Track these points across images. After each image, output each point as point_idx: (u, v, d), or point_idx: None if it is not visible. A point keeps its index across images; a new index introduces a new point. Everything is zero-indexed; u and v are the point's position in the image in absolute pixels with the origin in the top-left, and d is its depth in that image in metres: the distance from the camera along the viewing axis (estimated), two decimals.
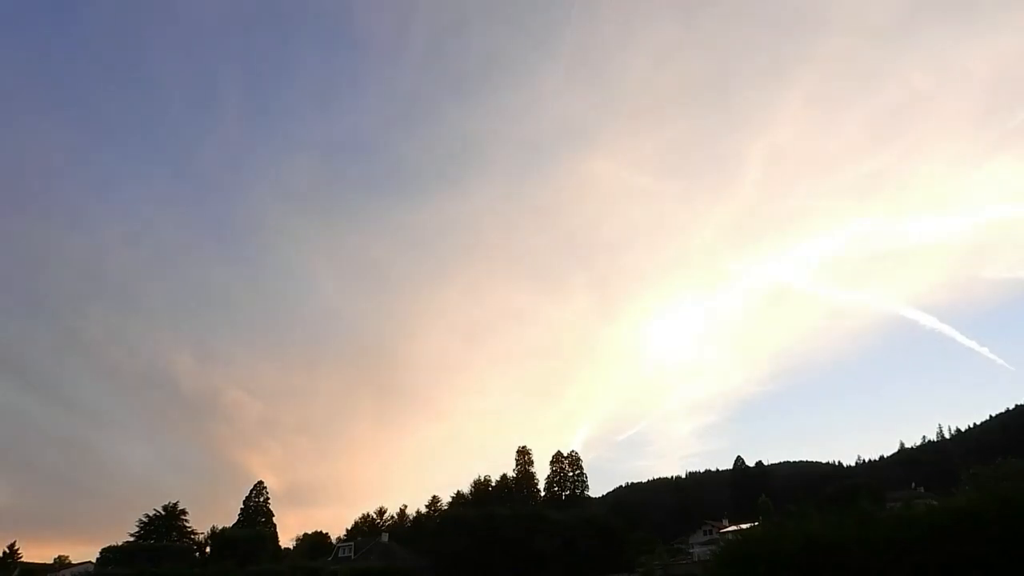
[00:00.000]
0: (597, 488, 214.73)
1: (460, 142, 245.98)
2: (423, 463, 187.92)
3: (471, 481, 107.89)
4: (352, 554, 67.16)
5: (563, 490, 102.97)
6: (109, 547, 75.60)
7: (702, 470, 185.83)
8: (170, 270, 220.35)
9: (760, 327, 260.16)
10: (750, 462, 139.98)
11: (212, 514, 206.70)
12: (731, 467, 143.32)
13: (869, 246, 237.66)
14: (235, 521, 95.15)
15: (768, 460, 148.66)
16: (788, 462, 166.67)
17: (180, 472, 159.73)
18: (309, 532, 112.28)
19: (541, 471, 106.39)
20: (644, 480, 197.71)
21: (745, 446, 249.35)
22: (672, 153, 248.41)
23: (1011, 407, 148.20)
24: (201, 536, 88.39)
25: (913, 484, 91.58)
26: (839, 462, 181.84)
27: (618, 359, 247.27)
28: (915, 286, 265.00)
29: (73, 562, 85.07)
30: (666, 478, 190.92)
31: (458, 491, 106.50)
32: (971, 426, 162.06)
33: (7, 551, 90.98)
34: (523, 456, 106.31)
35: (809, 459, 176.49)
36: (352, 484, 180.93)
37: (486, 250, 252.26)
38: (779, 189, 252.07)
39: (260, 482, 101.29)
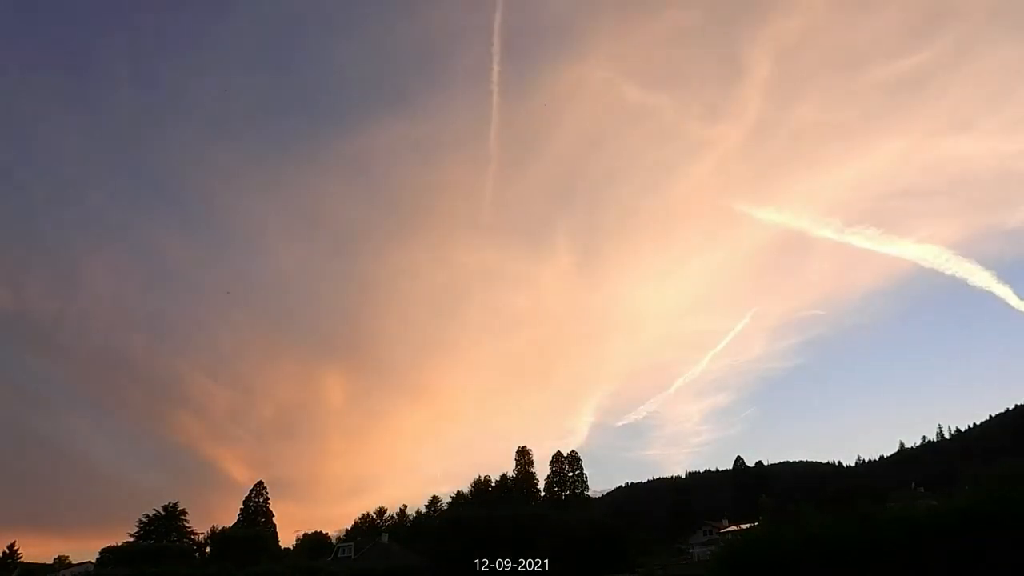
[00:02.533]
0: (597, 482, 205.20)
1: (408, 43, 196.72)
2: (411, 454, 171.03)
3: (463, 476, 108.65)
4: (352, 554, 67.15)
5: (563, 490, 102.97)
6: (109, 547, 75.76)
7: (702, 470, 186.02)
8: (105, 235, 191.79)
9: (777, 286, 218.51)
10: (752, 461, 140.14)
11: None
12: (731, 467, 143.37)
13: (906, 176, 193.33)
14: (235, 521, 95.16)
15: (768, 460, 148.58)
16: (788, 462, 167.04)
17: (150, 467, 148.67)
18: (308, 532, 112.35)
19: (541, 471, 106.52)
20: (644, 480, 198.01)
21: (762, 434, 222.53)
22: (663, 54, 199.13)
23: (1011, 407, 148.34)
24: (201, 536, 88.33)
25: (913, 484, 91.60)
26: (839, 462, 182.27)
27: (611, 329, 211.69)
28: (961, 231, 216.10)
29: (74, 562, 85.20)
30: (666, 478, 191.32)
31: (458, 491, 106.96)
32: (971, 426, 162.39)
33: (7, 551, 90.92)
34: (523, 456, 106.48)
35: (809, 459, 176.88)
36: (335, 478, 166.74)
37: (449, 191, 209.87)
38: (791, 98, 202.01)
39: (260, 482, 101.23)
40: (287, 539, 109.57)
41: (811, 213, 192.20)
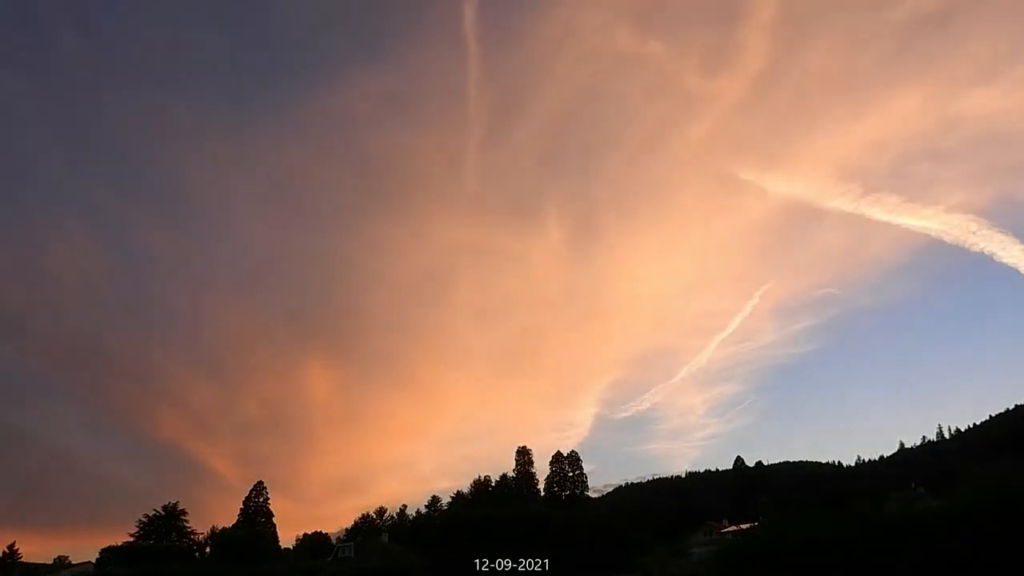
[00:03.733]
0: (599, 478, 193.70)
1: None
2: (404, 449, 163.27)
3: (460, 472, 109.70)
4: (352, 554, 67.16)
5: (563, 490, 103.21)
6: (109, 547, 75.80)
7: (702, 470, 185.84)
8: (67, 213, 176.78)
9: (787, 262, 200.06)
10: (755, 459, 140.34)
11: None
12: (731, 467, 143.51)
13: (926, 134, 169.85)
14: (234, 521, 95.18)
15: (772, 458, 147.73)
16: (788, 462, 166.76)
17: (131, 462, 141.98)
18: (308, 532, 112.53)
19: (541, 467, 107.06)
20: (644, 480, 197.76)
21: (769, 428, 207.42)
22: None
23: (1011, 407, 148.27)
24: (201, 536, 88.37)
25: (913, 484, 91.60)
26: (839, 462, 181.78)
27: (609, 312, 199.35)
28: (987, 199, 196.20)
29: (74, 562, 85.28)
30: (666, 477, 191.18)
31: (458, 491, 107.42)
32: (971, 426, 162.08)
33: (7, 551, 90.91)
34: (523, 456, 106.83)
35: (809, 459, 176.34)
36: (324, 475, 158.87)
37: (428, 156, 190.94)
38: (797, 43, 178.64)
39: (260, 482, 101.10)
40: (287, 539, 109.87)
41: (824, 179, 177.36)
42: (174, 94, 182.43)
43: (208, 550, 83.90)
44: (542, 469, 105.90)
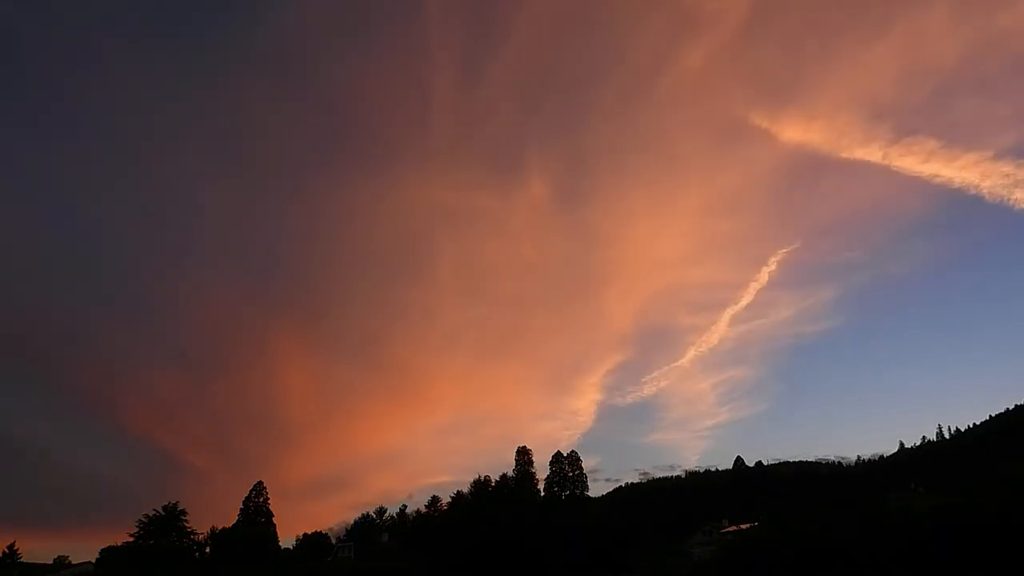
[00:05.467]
0: (600, 472, 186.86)
1: None
2: (391, 443, 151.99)
3: (453, 467, 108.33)
4: (352, 554, 67.18)
5: (563, 490, 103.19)
6: (109, 547, 75.76)
7: (702, 470, 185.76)
8: (15, 181, 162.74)
9: (803, 222, 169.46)
10: (762, 454, 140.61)
11: (141, 503, 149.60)
12: (731, 467, 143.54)
13: (969, 61, 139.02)
14: (234, 521, 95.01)
15: (774, 456, 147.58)
16: (788, 462, 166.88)
17: (106, 454, 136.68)
18: (309, 532, 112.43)
19: (540, 461, 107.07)
20: (644, 480, 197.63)
21: (779, 418, 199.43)
22: None
23: (1011, 407, 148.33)
24: (201, 536, 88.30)
25: (913, 484, 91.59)
26: (839, 462, 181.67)
27: (603, 283, 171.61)
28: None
29: (74, 562, 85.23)
30: (666, 478, 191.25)
31: (458, 491, 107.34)
32: (971, 426, 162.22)
33: (7, 551, 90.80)
34: (523, 456, 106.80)
35: (809, 459, 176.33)
36: (308, 471, 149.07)
37: (388, 90, 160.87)
38: None
39: (260, 482, 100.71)
40: (285, 538, 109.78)
41: (848, 119, 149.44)
42: (103, 29, 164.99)
43: (208, 550, 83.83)
44: (541, 465, 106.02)
